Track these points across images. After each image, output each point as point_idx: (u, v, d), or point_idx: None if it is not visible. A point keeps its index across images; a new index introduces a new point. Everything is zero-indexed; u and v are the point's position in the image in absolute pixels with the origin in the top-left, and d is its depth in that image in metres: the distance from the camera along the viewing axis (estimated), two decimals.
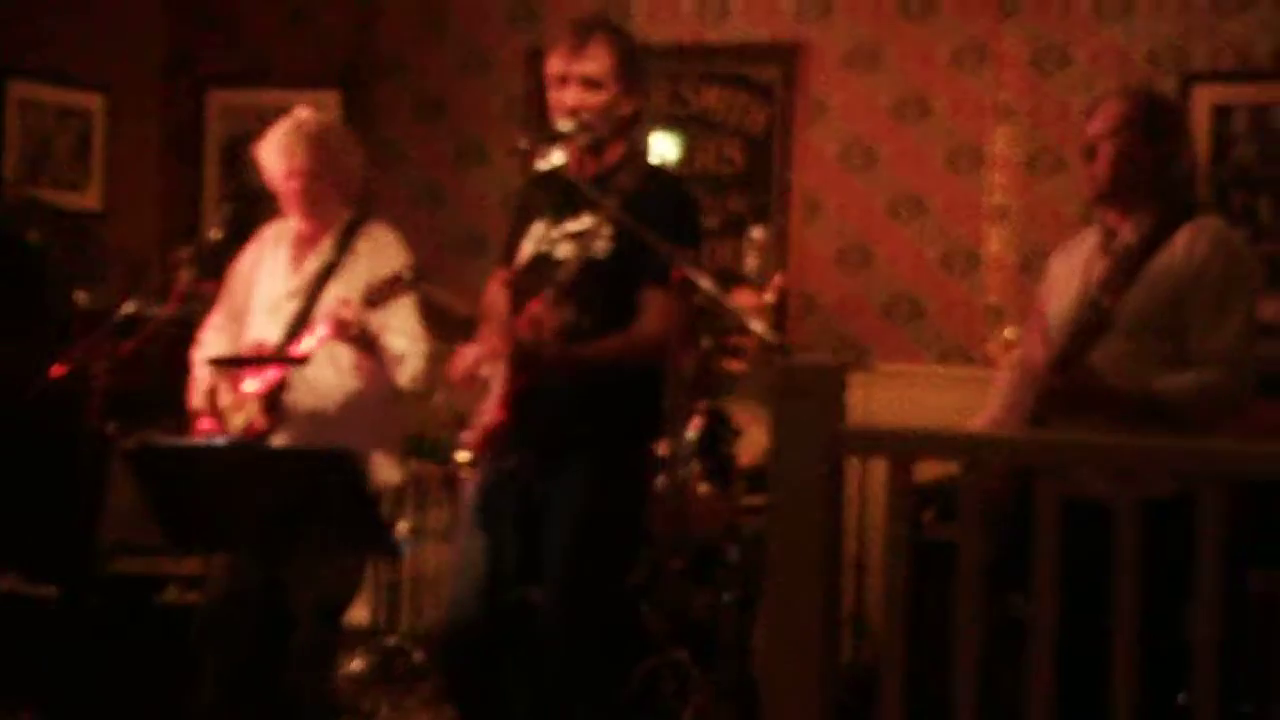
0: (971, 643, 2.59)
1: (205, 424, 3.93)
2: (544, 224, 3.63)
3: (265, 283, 4.09)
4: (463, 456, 4.57)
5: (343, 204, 4.07)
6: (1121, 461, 2.58)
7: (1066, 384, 3.34)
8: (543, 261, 3.59)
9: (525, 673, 3.55)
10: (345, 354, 3.89)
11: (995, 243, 5.76)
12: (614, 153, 3.61)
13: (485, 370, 3.51)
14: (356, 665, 5.13)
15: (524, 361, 3.41)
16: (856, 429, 2.62)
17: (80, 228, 5.90)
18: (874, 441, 2.65)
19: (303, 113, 4.11)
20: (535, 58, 5.82)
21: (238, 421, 3.83)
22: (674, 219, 3.52)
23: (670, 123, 6.01)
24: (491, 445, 3.50)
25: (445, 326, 4.47)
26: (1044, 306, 3.67)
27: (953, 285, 5.81)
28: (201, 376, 4.01)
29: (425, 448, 5.41)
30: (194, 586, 4.47)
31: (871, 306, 5.90)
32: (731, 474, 4.79)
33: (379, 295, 3.74)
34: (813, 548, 2.62)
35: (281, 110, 6.26)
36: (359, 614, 5.61)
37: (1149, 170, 3.46)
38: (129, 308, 4.00)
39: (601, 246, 3.51)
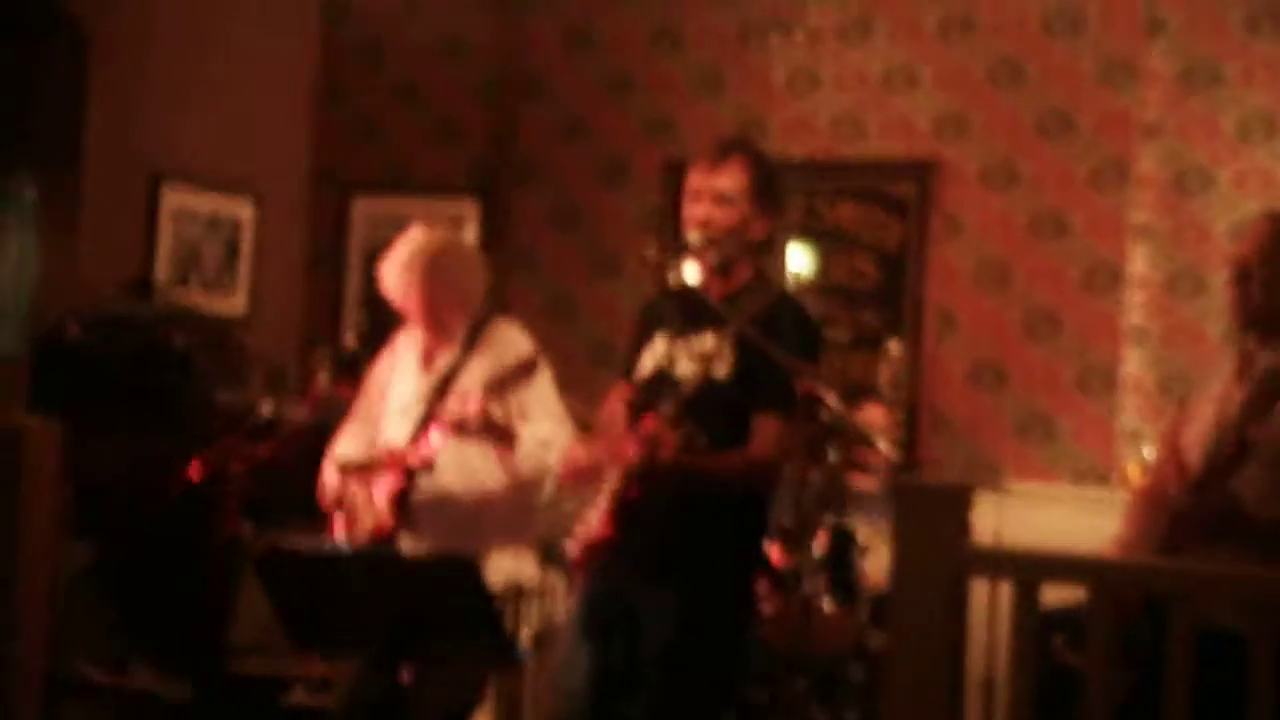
0: None
1: (338, 526, 3.98)
2: (667, 340, 3.64)
3: (398, 387, 4.13)
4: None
5: (466, 315, 4.10)
6: (1253, 592, 2.52)
7: (1205, 508, 3.25)
8: (663, 378, 3.60)
9: None
10: (475, 452, 3.90)
11: (1133, 364, 5.67)
12: (742, 274, 3.62)
13: (593, 478, 3.52)
14: None
15: (639, 473, 3.41)
16: (981, 549, 2.58)
17: (225, 332, 6.05)
18: (998, 563, 2.61)
19: (419, 234, 4.11)
20: (671, 169, 5.90)
21: (367, 523, 3.87)
22: (798, 340, 3.51)
23: (805, 236, 6.04)
24: (594, 559, 3.49)
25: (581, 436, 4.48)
26: (1179, 433, 3.60)
27: (1088, 406, 5.73)
28: (332, 480, 4.06)
29: (553, 556, 5.41)
30: (320, 689, 4.50)
31: (1005, 425, 5.83)
32: (857, 592, 4.73)
33: (503, 383, 3.75)
34: (934, 670, 2.58)
35: (423, 217, 6.43)
36: None
37: None
38: (266, 409, 4.07)
39: (723, 369, 3.51)
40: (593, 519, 3.48)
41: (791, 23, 6.19)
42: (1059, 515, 5.59)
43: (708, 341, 3.52)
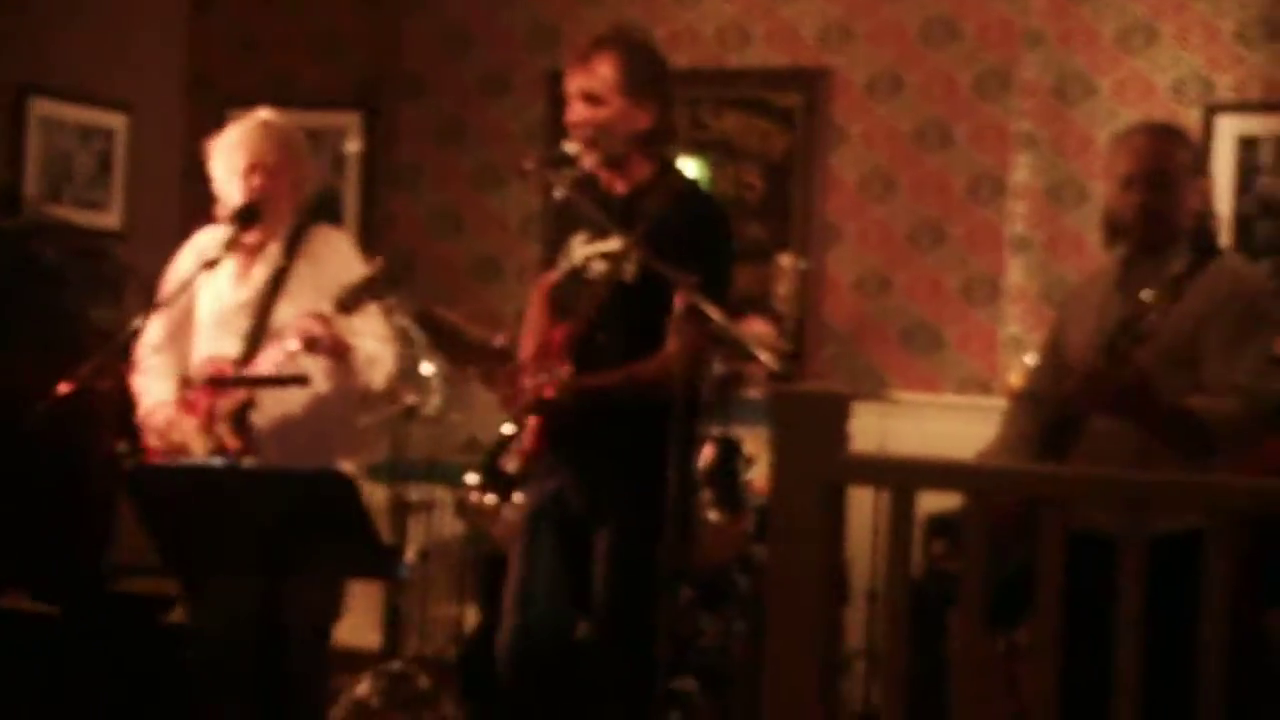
0: (970, 673, 2.54)
1: (156, 446, 3.84)
2: (580, 239, 3.61)
3: (208, 296, 3.95)
4: (470, 479, 4.57)
5: (292, 211, 3.96)
6: (1128, 496, 2.54)
7: (1117, 372, 3.26)
8: (575, 279, 3.58)
9: (565, 703, 3.55)
10: (309, 363, 3.78)
11: (1016, 273, 5.71)
12: (642, 169, 3.57)
13: (524, 396, 3.53)
14: (362, 690, 5.09)
15: (541, 409, 3.45)
16: (856, 457, 2.58)
17: (98, 246, 5.90)
18: (874, 470, 2.61)
19: (265, 113, 3.99)
20: (555, 80, 5.80)
21: (205, 444, 3.76)
22: (699, 243, 3.48)
23: (691, 148, 5.98)
24: (530, 470, 3.55)
25: (458, 350, 4.43)
26: (1058, 338, 3.63)
27: (973, 315, 5.76)
28: (155, 397, 3.90)
29: (437, 471, 5.38)
30: None
31: (891, 336, 5.86)
32: (742, 502, 4.74)
33: (350, 300, 3.66)
34: (812, 576, 2.58)
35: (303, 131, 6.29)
36: (368, 638, 5.58)
37: (1188, 211, 3.43)
38: (139, 325, 3.96)
39: (630, 270, 3.48)
40: (524, 435, 3.53)
41: None
42: (944, 424, 5.64)
43: (616, 243, 3.48)
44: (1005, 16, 5.69)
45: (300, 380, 3.70)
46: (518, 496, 4.33)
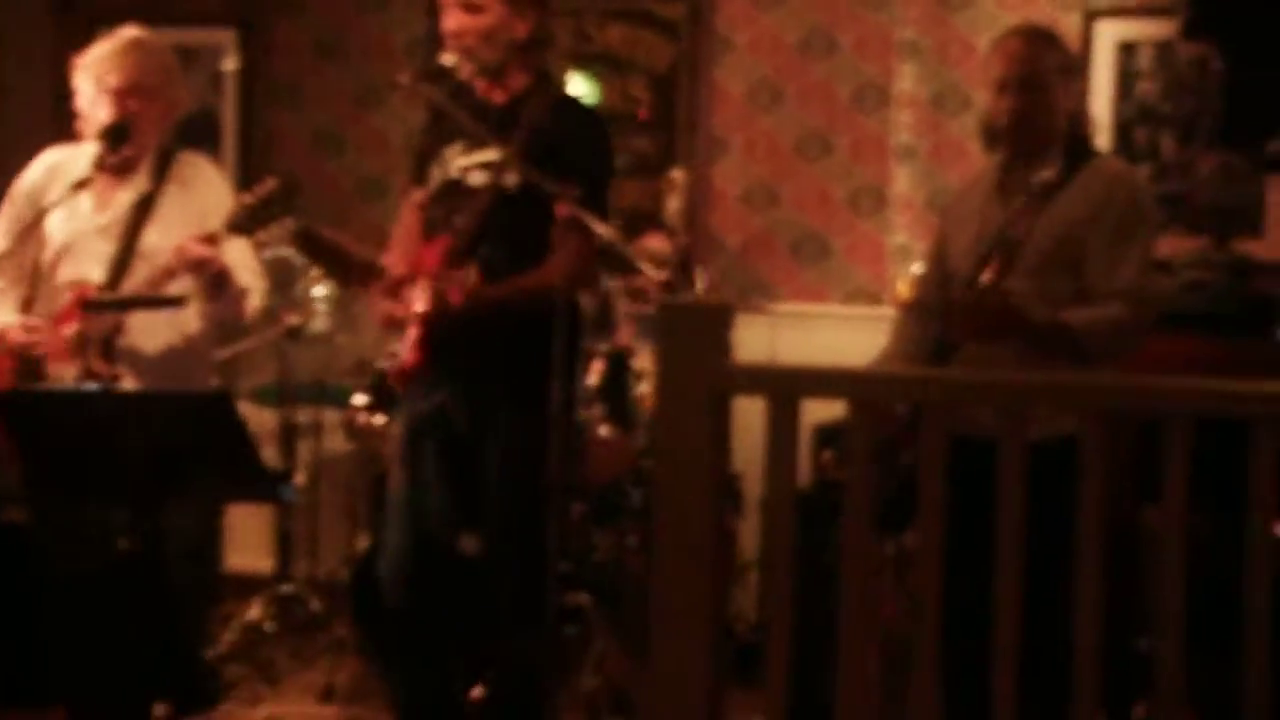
0: (858, 583, 2.56)
1: (4, 369, 3.71)
2: (454, 151, 3.55)
3: (63, 219, 3.81)
4: (358, 400, 4.52)
5: (160, 134, 3.85)
6: (1008, 398, 2.55)
7: (982, 304, 3.29)
8: (454, 188, 3.53)
9: (455, 619, 3.53)
10: (171, 287, 3.69)
11: (902, 182, 5.72)
12: (519, 79, 3.53)
13: (401, 313, 3.47)
14: (253, 614, 5.05)
15: (434, 315, 3.40)
16: (738, 367, 2.57)
17: None
18: (757, 380, 2.60)
19: (135, 30, 3.87)
20: None
21: (72, 369, 3.67)
22: (579, 152, 3.45)
23: (575, 61, 5.92)
24: (408, 384, 3.50)
25: (343, 269, 4.36)
26: (941, 246, 3.64)
27: (860, 225, 5.78)
28: (3, 324, 3.77)
29: (325, 393, 5.32)
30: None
31: (779, 247, 5.86)
32: (633, 417, 4.74)
33: (247, 221, 3.57)
34: (699, 486, 2.58)
35: (176, 49, 6.11)
36: (258, 562, 5.53)
37: (1058, 114, 3.44)
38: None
39: (512, 180, 3.44)
40: (403, 347, 3.48)
41: None
42: (833, 335, 5.67)
43: (493, 152, 3.43)
44: None
45: (178, 301, 3.62)
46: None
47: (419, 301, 3.43)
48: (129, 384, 3.68)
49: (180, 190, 3.81)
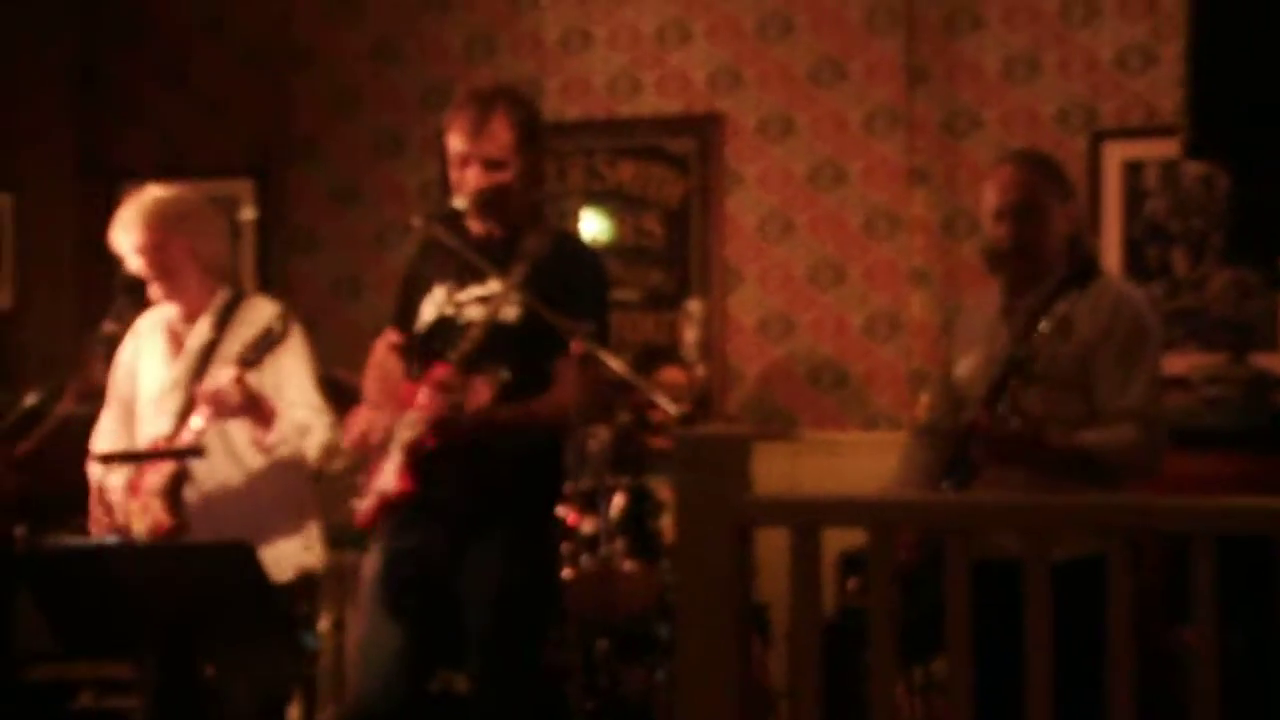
0: (885, 709, 2.53)
1: (101, 527, 3.77)
2: (447, 288, 3.55)
3: (147, 375, 3.93)
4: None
5: (211, 282, 3.92)
6: (1032, 521, 2.54)
7: (1006, 437, 3.31)
8: (447, 325, 3.51)
9: None
10: (239, 434, 3.75)
11: (916, 307, 5.75)
12: (519, 214, 3.56)
13: (378, 436, 3.42)
14: None
15: (442, 423, 3.34)
16: (759, 498, 2.56)
17: None
18: (778, 510, 2.59)
19: (150, 190, 3.96)
20: None
21: (144, 522, 3.69)
22: (580, 288, 3.47)
23: (587, 198, 6.00)
24: (390, 515, 3.41)
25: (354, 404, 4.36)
26: (951, 370, 3.66)
27: (877, 351, 5.80)
28: (97, 479, 3.84)
29: (347, 537, 5.30)
30: (109, 691, 4.33)
31: (796, 375, 5.87)
32: (657, 550, 4.72)
33: (252, 354, 3.60)
34: (722, 620, 2.56)
35: None
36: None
37: (1059, 237, 3.46)
38: (30, 401, 3.88)
39: (511, 312, 3.45)
40: (387, 474, 3.40)
41: None
42: (855, 461, 5.65)
43: (493, 285, 3.45)
44: (891, 55, 5.76)
45: (195, 452, 3.63)
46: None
47: (406, 431, 3.39)
48: (198, 532, 3.70)
49: (238, 334, 3.86)
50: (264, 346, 3.61)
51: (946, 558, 2.49)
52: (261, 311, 3.95)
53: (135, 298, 3.84)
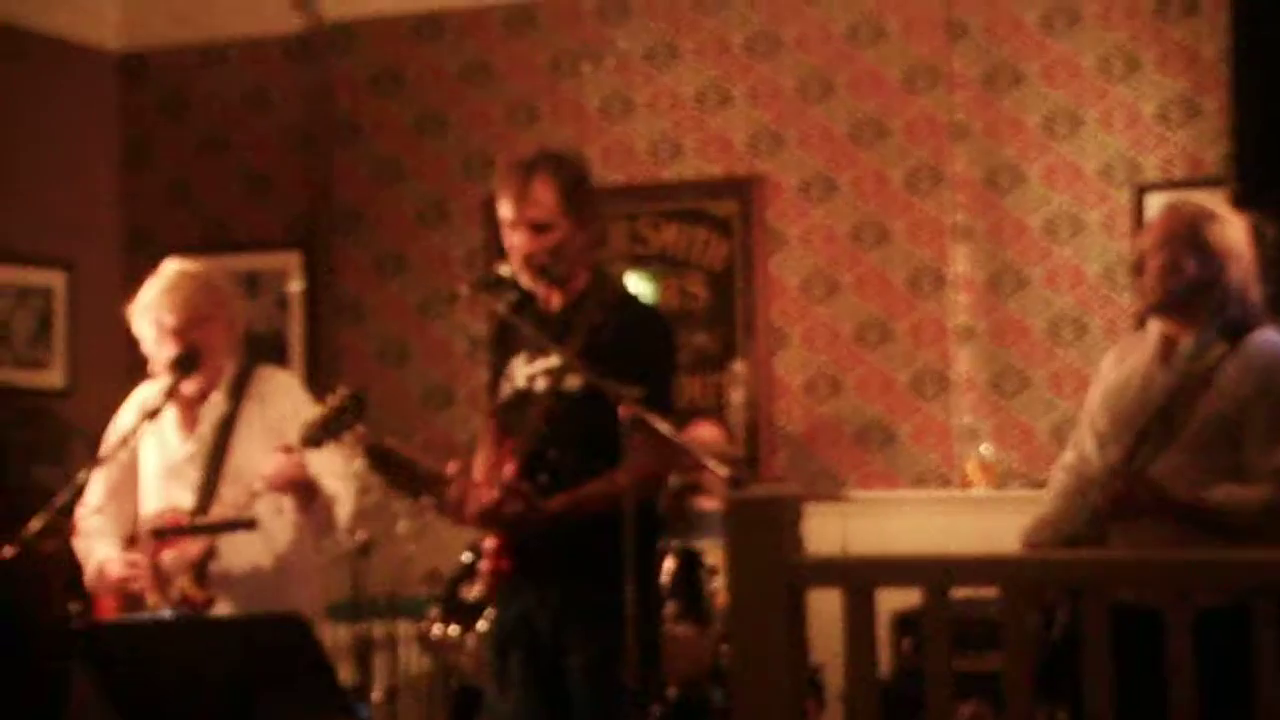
0: None
1: (110, 606, 3.76)
2: (522, 359, 3.59)
3: (153, 451, 3.88)
4: (454, 631, 4.49)
5: (227, 355, 3.90)
6: (1090, 576, 2.52)
7: (1129, 494, 3.34)
8: (522, 398, 3.56)
9: None
10: (266, 510, 3.73)
11: (963, 363, 5.73)
12: (579, 280, 3.57)
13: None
14: None
15: (504, 531, 3.43)
16: (811, 559, 2.55)
17: (39, 406, 5.84)
18: (830, 571, 2.58)
19: (173, 265, 3.94)
20: (491, 205, 5.81)
21: (165, 597, 3.68)
22: (639, 350, 3.48)
23: (632, 262, 6.02)
24: (496, 589, 3.50)
25: (411, 482, 4.38)
26: (1094, 409, 3.63)
27: (924, 409, 5.77)
28: (102, 556, 3.82)
29: (400, 606, 5.31)
30: None
31: (844, 435, 5.85)
32: (709, 613, 4.69)
33: (319, 433, 3.61)
34: (776, 682, 2.54)
35: (242, 274, 6.24)
36: None
37: (1198, 282, 3.43)
38: (83, 481, 3.90)
39: (574, 383, 3.46)
40: (487, 552, 3.49)
41: (601, 50, 6.18)
42: (904, 520, 5.63)
43: (555, 358, 3.47)
44: (931, 112, 5.77)
45: (249, 524, 3.65)
46: (481, 624, 4.28)
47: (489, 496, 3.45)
48: (223, 607, 3.70)
49: (259, 406, 3.86)
50: (331, 428, 3.61)
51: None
52: (279, 382, 3.96)
53: (184, 372, 3.83)
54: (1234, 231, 3.48)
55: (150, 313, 3.84)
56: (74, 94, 6.61)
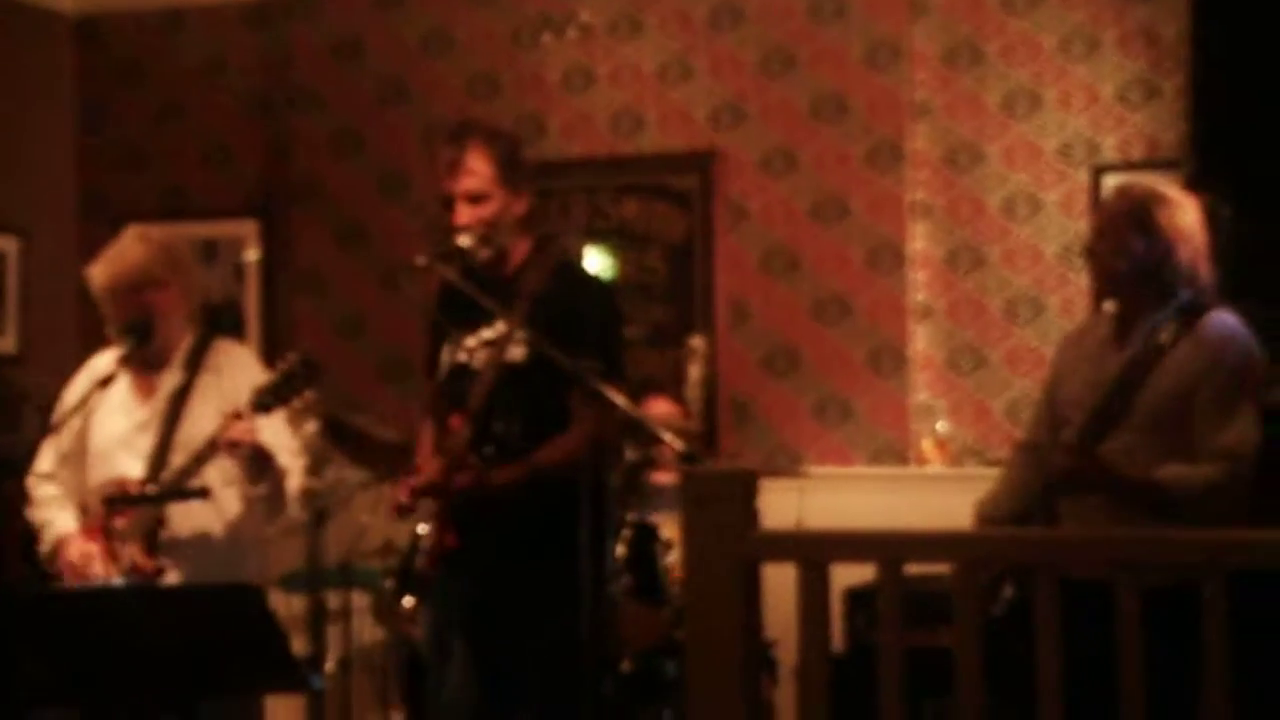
0: None
1: (69, 570, 3.74)
2: (461, 333, 3.58)
3: (106, 419, 3.86)
4: (409, 602, 4.49)
5: (182, 323, 3.89)
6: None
7: (1076, 469, 3.38)
8: (462, 371, 3.55)
9: None
10: (215, 479, 3.72)
11: (921, 341, 5.75)
12: (520, 251, 3.58)
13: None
14: None
15: (455, 505, 3.41)
16: (766, 534, 2.56)
17: None
18: (785, 546, 2.59)
19: (135, 230, 3.95)
20: None
21: (114, 566, 3.65)
22: (584, 321, 3.48)
23: (591, 236, 6.01)
24: (442, 566, 3.46)
25: (367, 452, 4.37)
26: (1054, 389, 3.66)
27: (881, 385, 5.79)
28: (61, 529, 3.81)
29: (355, 576, 5.29)
30: None
31: (801, 410, 5.87)
32: (664, 588, 4.70)
33: (269, 398, 3.59)
34: (730, 656, 2.55)
35: (199, 242, 6.19)
36: None
37: (1146, 263, 3.45)
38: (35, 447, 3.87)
39: (517, 352, 3.46)
40: (431, 531, 3.47)
41: (563, 21, 6.15)
42: (861, 496, 5.64)
43: (499, 328, 3.46)
44: (892, 90, 5.77)
45: (202, 493, 3.63)
46: None
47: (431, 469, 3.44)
48: (173, 576, 3.68)
49: (214, 377, 3.84)
50: (281, 393, 3.60)
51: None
52: (235, 355, 3.94)
53: (140, 339, 3.80)
54: (1183, 214, 3.49)
55: (104, 276, 3.81)
56: (29, 58, 6.54)
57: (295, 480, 3.84)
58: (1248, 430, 3.37)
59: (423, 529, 4.58)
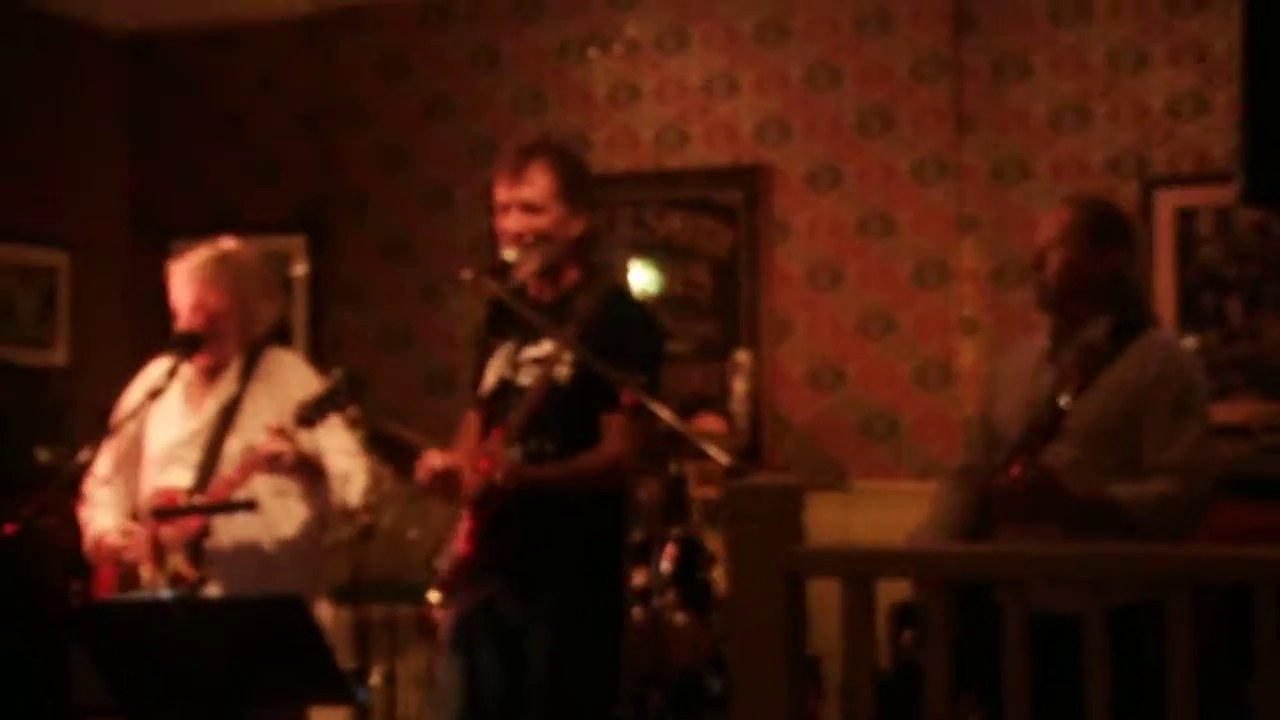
0: None
1: (107, 578, 3.77)
2: (507, 351, 3.59)
3: (159, 428, 3.89)
4: (434, 597, 4.50)
5: (239, 341, 3.90)
6: (1089, 569, 2.51)
7: (1024, 484, 3.26)
8: (507, 388, 3.55)
9: None
10: (264, 490, 3.73)
11: (967, 355, 5.72)
12: (570, 275, 3.58)
13: (449, 487, 3.47)
14: None
15: (484, 496, 3.37)
16: (810, 549, 2.55)
17: (41, 384, 5.84)
18: (830, 561, 2.57)
19: (228, 243, 3.97)
20: None
21: (159, 575, 3.67)
22: (630, 343, 3.48)
23: (636, 250, 6.01)
24: (460, 577, 3.45)
25: (410, 463, 4.37)
26: (989, 411, 3.63)
27: (927, 400, 5.76)
28: (100, 527, 3.84)
29: (400, 590, 5.30)
30: None
31: (847, 425, 5.84)
32: (709, 602, 4.69)
33: (312, 412, 3.61)
34: (774, 671, 2.54)
35: None
36: None
37: (1098, 278, 3.43)
38: (84, 458, 3.90)
39: (563, 372, 3.47)
40: (455, 540, 3.45)
41: (609, 36, 6.16)
42: (907, 511, 5.58)
43: (546, 347, 3.47)
44: (939, 104, 5.75)
45: (249, 505, 3.64)
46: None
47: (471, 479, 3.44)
48: (215, 587, 3.70)
49: (264, 388, 3.86)
50: (324, 407, 3.61)
51: (1006, 609, 2.46)
52: (288, 364, 3.96)
53: (186, 351, 3.83)
54: (1134, 230, 3.50)
55: (180, 283, 3.88)
56: (83, 75, 6.60)
57: (358, 483, 3.84)
58: (1198, 445, 3.33)
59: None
